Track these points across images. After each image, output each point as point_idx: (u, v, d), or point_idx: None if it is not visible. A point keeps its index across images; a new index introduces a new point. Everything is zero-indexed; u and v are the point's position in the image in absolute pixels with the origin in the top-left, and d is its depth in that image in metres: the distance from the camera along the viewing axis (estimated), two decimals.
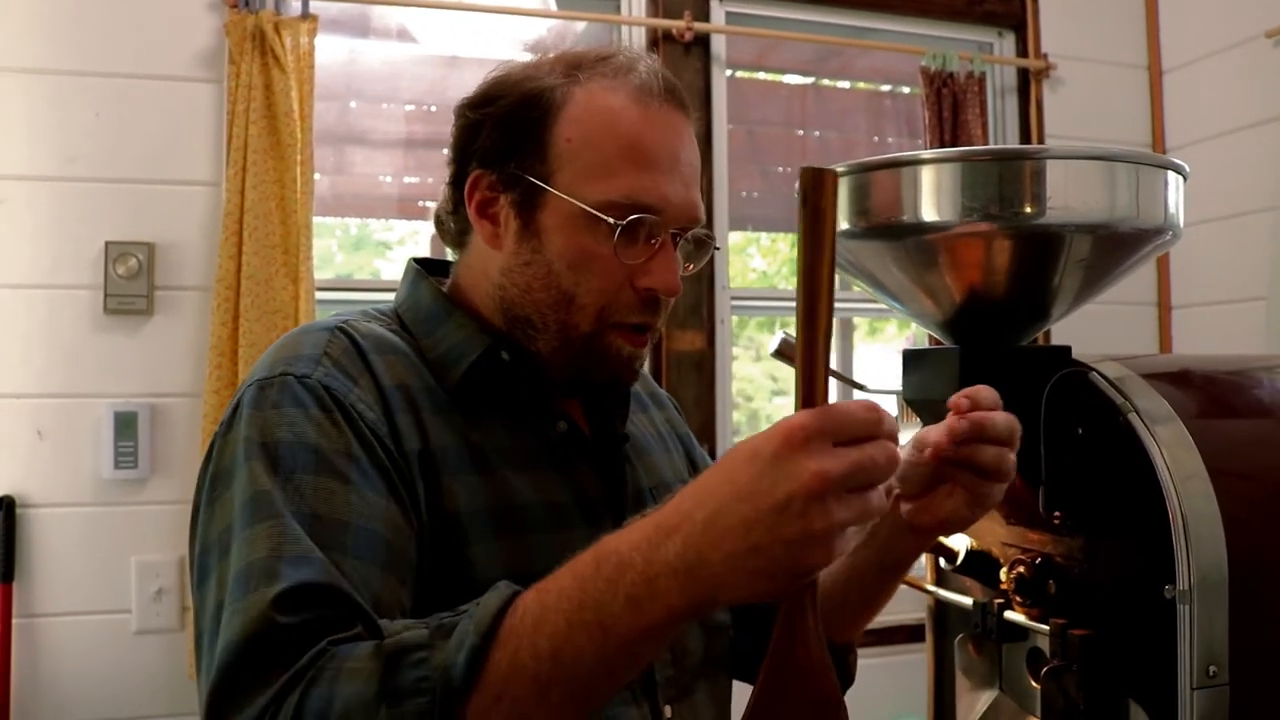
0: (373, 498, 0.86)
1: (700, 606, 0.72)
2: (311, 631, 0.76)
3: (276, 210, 2.37)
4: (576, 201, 0.95)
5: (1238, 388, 1.26)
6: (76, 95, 2.40)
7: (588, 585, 0.73)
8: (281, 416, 0.88)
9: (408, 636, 0.75)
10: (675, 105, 0.99)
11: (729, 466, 0.71)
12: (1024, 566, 1.20)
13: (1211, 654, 1.01)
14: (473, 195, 1.01)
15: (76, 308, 2.38)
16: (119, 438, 2.36)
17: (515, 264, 0.99)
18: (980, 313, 1.16)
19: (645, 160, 0.96)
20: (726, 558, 0.69)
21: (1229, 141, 3.02)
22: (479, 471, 0.95)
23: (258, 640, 0.76)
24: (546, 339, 1.00)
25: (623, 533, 0.75)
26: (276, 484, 0.84)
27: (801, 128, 3.19)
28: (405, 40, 2.82)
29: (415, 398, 0.95)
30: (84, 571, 2.35)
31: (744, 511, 0.68)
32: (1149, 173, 1.08)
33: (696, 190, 1.01)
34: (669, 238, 0.98)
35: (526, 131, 0.97)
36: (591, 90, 0.97)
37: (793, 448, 0.67)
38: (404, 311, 1.05)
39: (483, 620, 0.74)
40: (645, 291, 0.98)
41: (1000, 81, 3.18)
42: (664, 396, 1.30)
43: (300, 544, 0.80)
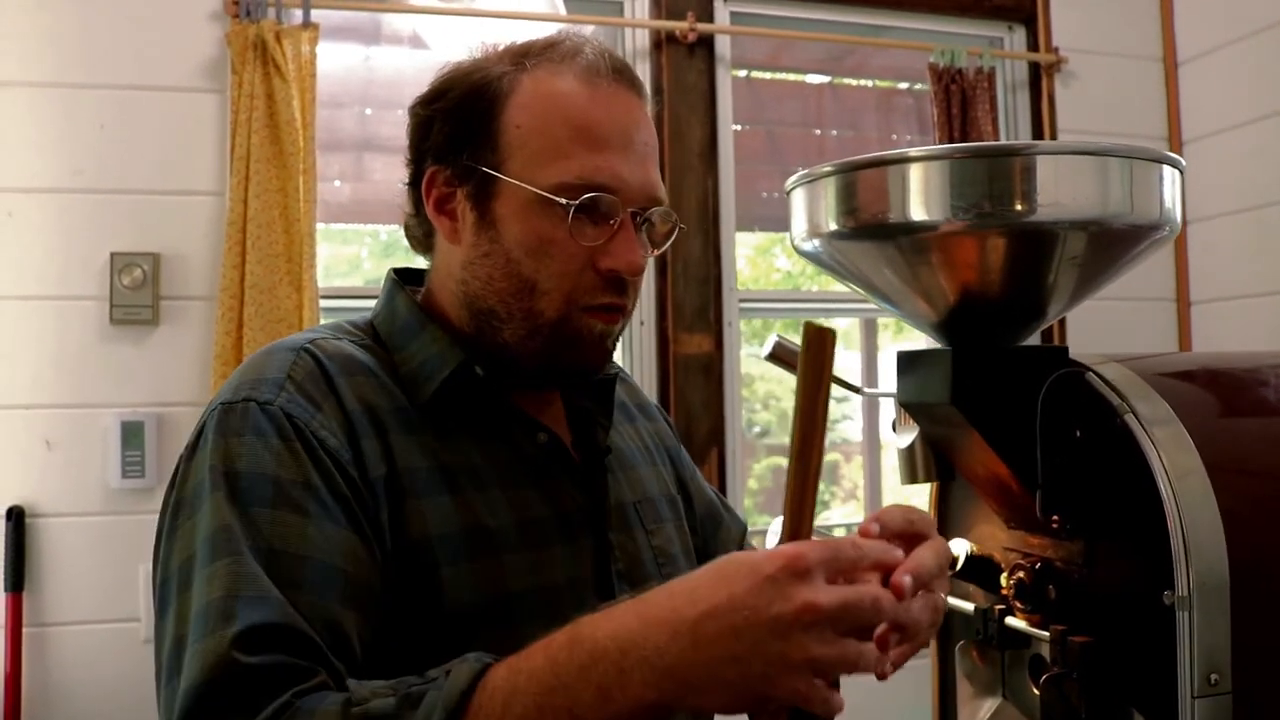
0: (331, 530, 0.85)
1: (669, 705, 0.71)
2: (272, 675, 0.75)
3: (280, 219, 2.37)
4: (529, 186, 0.94)
5: (1243, 386, 1.23)
6: (82, 108, 2.42)
7: (560, 669, 0.72)
8: (243, 445, 0.87)
9: (375, 706, 0.74)
10: (625, 84, 0.98)
11: (726, 574, 0.71)
12: (1024, 572, 1.17)
13: (1213, 661, 0.98)
14: (430, 192, 1.00)
15: (83, 318, 2.40)
16: (126, 447, 2.37)
17: (475, 256, 0.98)
18: (974, 313, 1.13)
19: (596, 140, 0.94)
20: (707, 661, 0.69)
21: (1247, 133, 2.97)
22: (450, 492, 0.93)
23: (218, 683, 0.75)
24: (513, 328, 0.98)
25: (601, 618, 0.74)
26: (235, 517, 0.83)
27: (818, 127, 3.17)
28: (417, 46, 2.82)
29: (382, 419, 0.93)
30: (93, 580, 2.36)
31: (734, 620, 0.69)
32: (1143, 167, 1.05)
33: (654, 168, 0.99)
34: (628, 217, 0.96)
35: (476, 122, 0.97)
36: (538, 76, 0.96)
37: (793, 573, 0.69)
38: (379, 324, 1.04)
39: (451, 695, 0.73)
40: (608, 273, 0.96)
41: (1011, 76, 3.15)
42: (653, 408, 1.28)
43: (257, 583, 0.79)
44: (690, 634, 0.70)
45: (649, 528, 1.09)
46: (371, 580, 0.86)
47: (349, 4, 2.62)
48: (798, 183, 1.17)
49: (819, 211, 1.14)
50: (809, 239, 1.17)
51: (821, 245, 1.16)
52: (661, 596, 0.73)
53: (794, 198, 1.19)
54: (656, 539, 1.09)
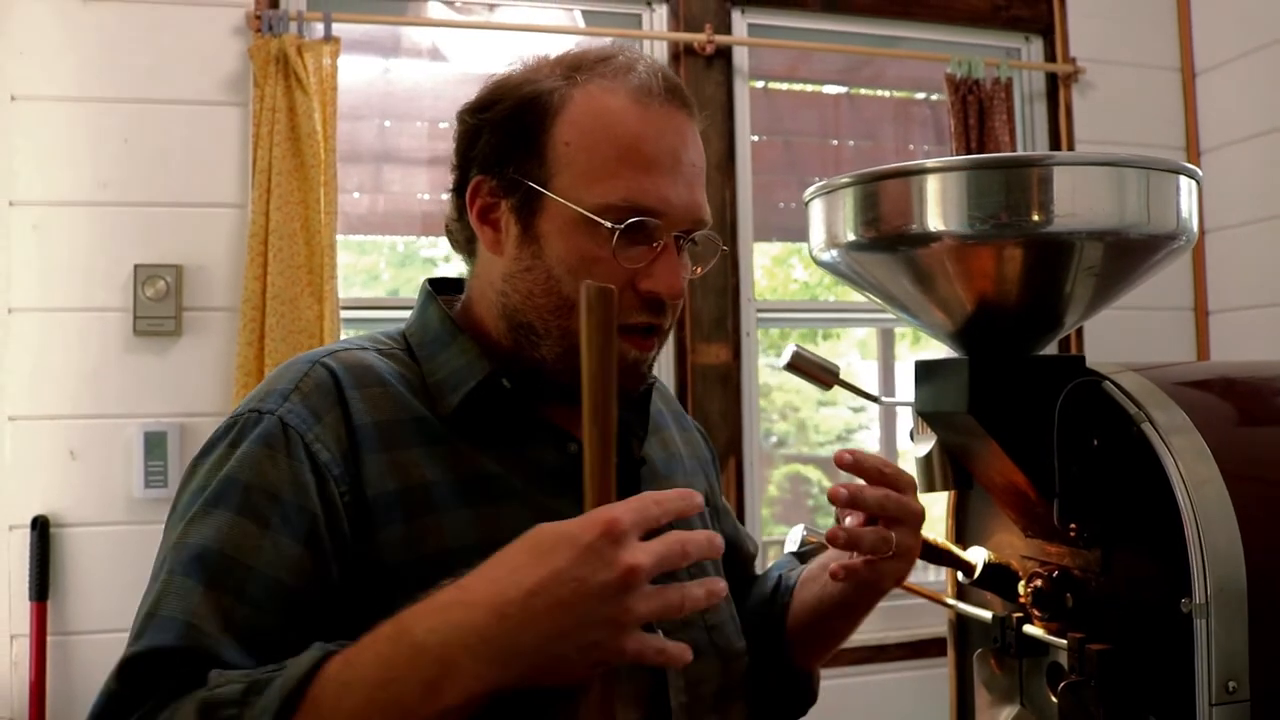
0: (286, 544, 0.86)
1: (504, 686, 0.72)
2: (139, 696, 0.79)
3: (301, 231, 2.39)
4: (575, 206, 0.93)
5: (1260, 395, 1.23)
6: (106, 122, 2.44)
7: (386, 664, 0.73)
8: (231, 453, 0.90)
9: (222, 692, 0.75)
10: (677, 104, 0.97)
11: (543, 547, 0.73)
12: (1042, 580, 1.18)
13: (1231, 669, 0.98)
14: (474, 201, 1.00)
15: (107, 330, 2.42)
16: (149, 457, 2.39)
17: (516, 270, 0.98)
18: (991, 323, 1.14)
19: (645, 162, 0.94)
20: (537, 639, 0.71)
21: (1265, 143, 2.96)
22: (470, 505, 0.93)
23: (105, 698, 0.80)
24: (549, 345, 0.98)
25: (423, 609, 0.75)
26: (199, 518, 0.86)
27: (835, 137, 3.18)
28: (436, 59, 2.85)
29: (400, 432, 0.94)
30: (117, 589, 2.36)
31: (561, 594, 0.70)
32: (1159, 178, 1.05)
33: (700, 191, 0.99)
34: (671, 240, 0.96)
35: (525, 135, 0.96)
36: (590, 92, 0.96)
37: (611, 539, 0.71)
38: (411, 335, 1.04)
39: (288, 683, 0.74)
40: (647, 294, 0.96)
41: (1029, 87, 3.15)
42: (689, 420, 1.28)
43: (181, 601, 0.82)
44: (518, 614, 0.71)
45: None
46: (317, 600, 0.87)
47: (370, 18, 2.64)
48: (816, 193, 1.19)
49: (837, 222, 1.15)
50: (827, 249, 1.18)
51: (840, 255, 1.17)
52: (482, 580, 0.74)
53: (812, 208, 1.20)
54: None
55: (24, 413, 2.38)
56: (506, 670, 0.71)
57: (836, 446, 5.12)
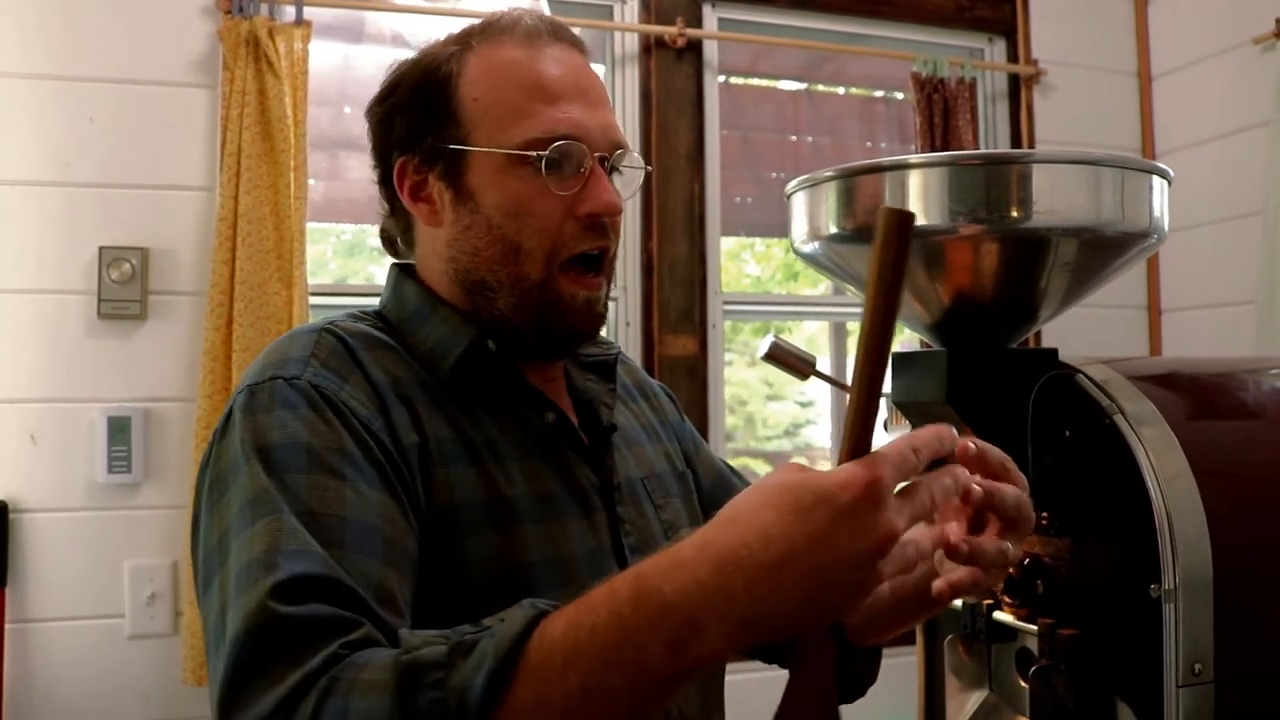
0: (368, 492, 0.86)
1: (744, 648, 0.70)
2: (318, 626, 0.75)
3: (270, 215, 2.37)
4: (498, 150, 0.98)
5: (1223, 390, 1.27)
6: (72, 101, 2.41)
7: (626, 624, 0.69)
8: (272, 419, 0.88)
9: (425, 654, 0.72)
10: (565, 42, 1.03)
11: (799, 506, 0.67)
12: (1012, 567, 1.20)
13: (1196, 652, 1.01)
14: (403, 182, 1.04)
15: (70, 312, 2.39)
16: (112, 442, 2.36)
17: (458, 232, 1.01)
18: (968, 316, 1.17)
19: (551, 94, 0.99)
20: (786, 605, 0.67)
21: (1217, 147, 3.03)
22: (473, 463, 0.96)
23: (260, 634, 0.74)
24: (504, 296, 1.01)
25: (665, 565, 0.70)
26: (272, 483, 0.83)
27: (795, 133, 3.20)
28: (400, 46, 2.83)
29: (409, 391, 0.96)
30: (77, 576, 2.35)
31: (817, 559, 0.66)
32: (1134, 177, 1.09)
33: (610, 114, 1.03)
34: (596, 162, 1.00)
35: (434, 105, 1.01)
36: (482, 51, 1.01)
37: (873, 502, 0.66)
38: (389, 312, 1.06)
39: (503, 643, 0.70)
40: (587, 218, 1.00)
41: (991, 87, 3.20)
42: (652, 386, 1.30)
43: (298, 538, 0.79)
44: (769, 581, 0.67)
45: (657, 502, 1.11)
46: (408, 545, 0.87)
47: (341, 2, 2.62)
48: (799, 186, 1.20)
49: (820, 215, 1.17)
50: (809, 241, 1.20)
51: (821, 247, 1.19)
52: (729, 538, 0.68)
53: (794, 201, 1.22)
54: (665, 513, 1.12)
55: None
56: (748, 633, 0.68)
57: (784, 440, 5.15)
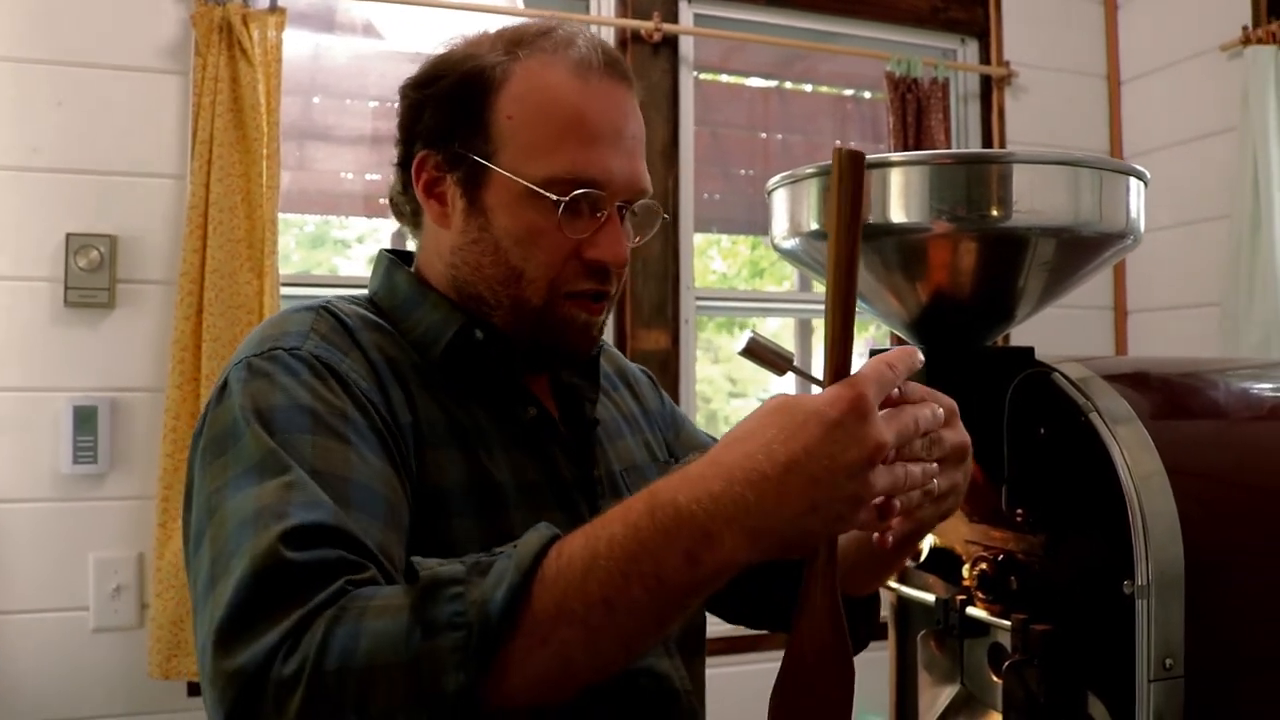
0: (371, 458, 0.86)
1: (754, 559, 0.72)
2: (325, 568, 0.74)
3: (242, 204, 2.35)
4: (520, 179, 0.96)
5: (1194, 389, 1.29)
6: (40, 85, 2.37)
7: (643, 535, 0.71)
8: (274, 384, 0.87)
9: (443, 571, 0.73)
10: (617, 77, 1.00)
11: (795, 423, 0.71)
12: (986, 564, 1.21)
13: (1168, 647, 1.03)
14: (419, 176, 1.02)
15: (36, 300, 2.36)
16: (78, 432, 2.33)
17: (464, 242, 1.01)
18: (945, 314, 1.17)
19: (587, 134, 0.97)
20: (792, 514, 0.71)
21: (1184, 151, 3.07)
22: (461, 448, 0.96)
23: (267, 575, 0.74)
24: (501, 314, 1.01)
25: (679, 481, 0.73)
26: (278, 444, 0.83)
27: (765, 130, 3.21)
28: (371, 36, 2.81)
29: (403, 372, 0.97)
30: (41, 568, 2.32)
31: (814, 470, 0.70)
32: (1112, 178, 1.10)
33: (641, 161, 1.02)
34: (614, 210, 0.99)
35: (468, 110, 0.99)
36: (531, 66, 0.98)
37: (860, 415, 0.71)
38: (380, 298, 1.06)
39: (524, 559, 0.72)
40: (593, 263, 0.99)
41: (963, 88, 3.22)
42: (632, 372, 1.30)
43: (308, 490, 0.79)
44: (776, 490, 0.70)
45: None
46: (404, 514, 0.87)
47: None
48: (781, 183, 1.21)
49: (801, 211, 1.18)
50: (789, 238, 1.20)
51: (801, 244, 1.19)
52: (735, 455, 0.72)
53: (775, 197, 1.23)
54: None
55: None
56: (759, 543, 0.71)
57: None
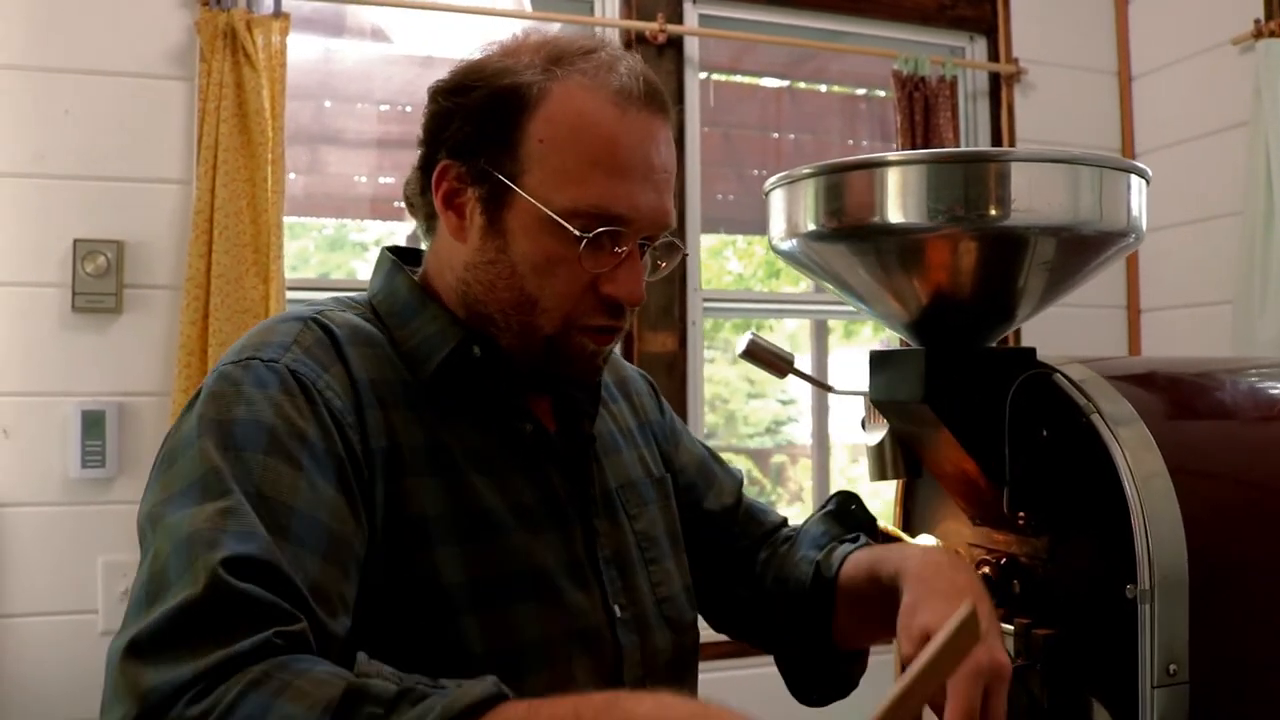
0: (322, 486, 0.84)
1: None
2: (254, 610, 0.73)
3: (247, 209, 2.36)
4: (543, 207, 0.93)
5: (1201, 390, 1.27)
6: (46, 92, 2.38)
7: None
8: (240, 395, 0.86)
9: (374, 685, 0.70)
10: (655, 109, 0.97)
11: None
12: (989, 567, 1.20)
13: (1172, 653, 1.01)
14: (440, 185, 0.99)
15: (44, 306, 2.36)
16: (86, 437, 2.34)
17: (479, 260, 0.98)
18: (946, 314, 1.16)
19: (618, 168, 0.93)
20: None
21: (1196, 147, 3.05)
22: (445, 473, 0.94)
23: (195, 606, 0.72)
24: (509, 338, 0.99)
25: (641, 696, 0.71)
26: (226, 460, 0.82)
27: (777, 130, 3.20)
28: (380, 40, 2.81)
29: (387, 393, 0.94)
30: (50, 571, 2.33)
31: None
32: (1112, 176, 1.08)
33: (669, 197, 0.99)
34: (636, 246, 0.97)
35: (498, 127, 0.95)
36: (569, 89, 0.94)
37: None
38: (379, 302, 1.04)
39: (452, 708, 0.68)
40: (608, 298, 0.97)
41: (972, 86, 3.20)
42: (633, 380, 1.28)
43: (244, 519, 0.78)
44: None
45: (631, 512, 1.10)
46: (355, 546, 0.85)
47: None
48: (777, 184, 1.20)
49: (798, 212, 1.17)
50: (787, 239, 1.19)
51: (799, 245, 1.18)
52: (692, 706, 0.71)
53: (773, 198, 1.22)
54: (639, 524, 1.10)
55: None
56: None
57: (766, 438, 5.16)
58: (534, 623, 0.93)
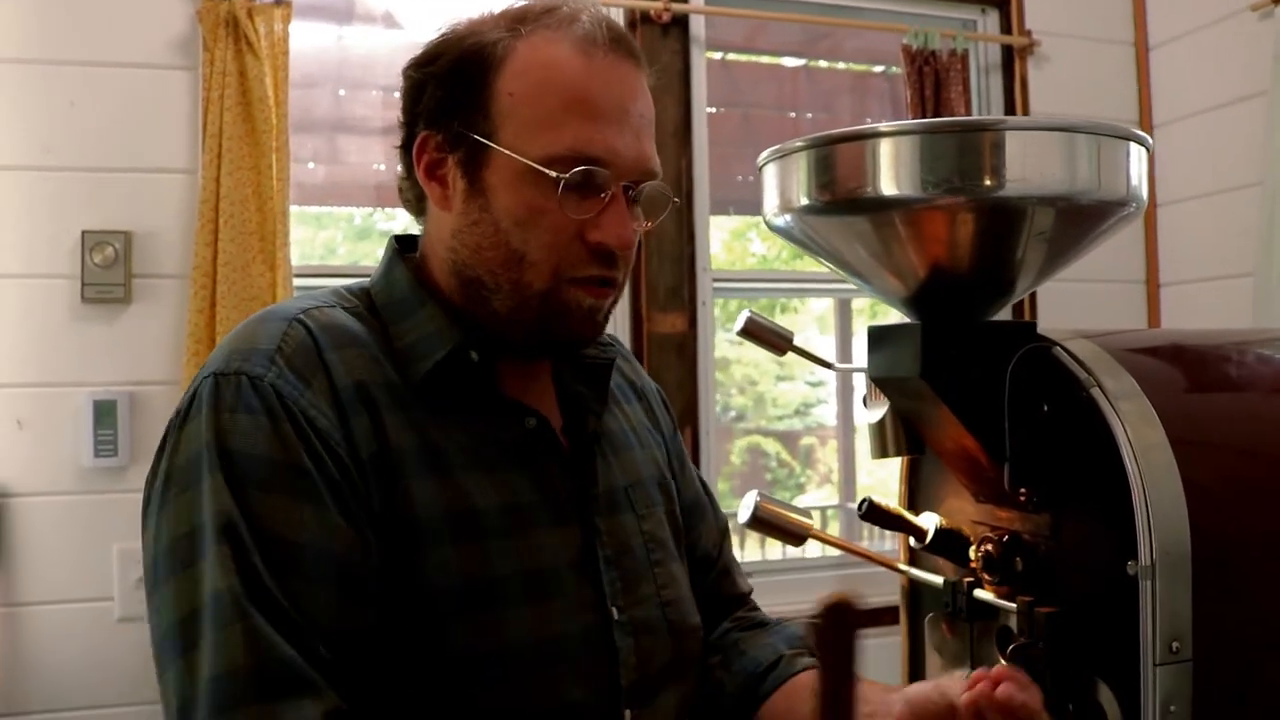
0: (324, 514, 0.85)
1: None
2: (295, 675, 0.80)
3: (253, 197, 2.36)
4: (520, 157, 0.93)
5: (1208, 362, 1.25)
6: (51, 84, 2.39)
7: None
8: (235, 422, 0.87)
9: None
10: (623, 54, 0.97)
11: None
12: (992, 544, 1.19)
13: (1175, 630, 1.00)
14: (421, 157, 0.99)
15: (54, 297, 2.38)
16: (98, 426, 2.36)
17: (464, 224, 0.97)
18: (943, 288, 1.14)
19: (590, 111, 0.93)
20: None
21: (1216, 117, 3.00)
22: (437, 473, 0.93)
23: (254, 669, 0.80)
24: (500, 299, 0.97)
25: None
26: (233, 500, 0.84)
27: (793, 109, 3.18)
28: (391, 26, 2.81)
29: (373, 395, 0.93)
30: (66, 559, 2.35)
31: None
32: (1110, 144, 1.06)
33: (649, 142, 0.98)
34: (619, 190, 0.95)
35: (468, 88, 0.95)
36: (534, 43, 0.95)
37: None
38: (376, 293, 1.02)
39: None
40: (596, 246, 0.95)
41: (985, 59, 3.16)
42: (648, 388, 1.26)
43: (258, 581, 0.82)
44: None
45: (640, 512, 1.08)
46: (364, 566, 0.86)
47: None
48: (770, 158, 1.18)
49: (791, 187, 1.15)
50: (781, 214, 1.18)
51: (793, 220, 1.17)
52: None
53: (766, 173, 1.20)
54: (648, 523, 1.08)
55: None
56: None
57: (794, 419, 5.15)
58: (525, 625, 0.92)
